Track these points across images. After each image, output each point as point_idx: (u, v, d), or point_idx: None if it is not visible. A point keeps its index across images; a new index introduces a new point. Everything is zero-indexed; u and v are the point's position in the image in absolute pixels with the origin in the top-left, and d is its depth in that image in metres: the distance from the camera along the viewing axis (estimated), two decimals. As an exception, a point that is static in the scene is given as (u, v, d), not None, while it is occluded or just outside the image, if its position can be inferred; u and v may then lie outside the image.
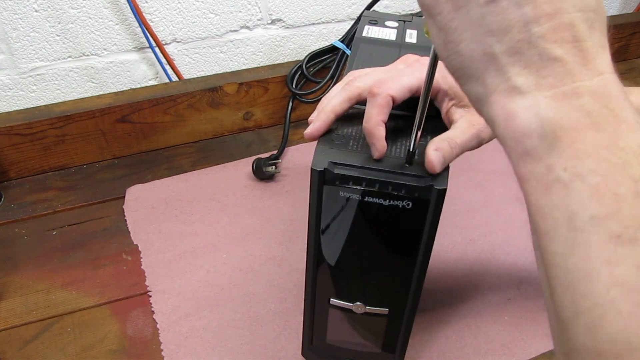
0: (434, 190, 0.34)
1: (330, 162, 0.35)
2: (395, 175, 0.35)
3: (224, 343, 0.52)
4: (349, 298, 0.42)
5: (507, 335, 0.53)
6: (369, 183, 0.35)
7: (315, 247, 0.39)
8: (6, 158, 0.71)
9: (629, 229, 0.21)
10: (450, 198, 0.70)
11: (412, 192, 0.35)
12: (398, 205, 0.35)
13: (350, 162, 0.35)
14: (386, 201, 0.35)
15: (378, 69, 0.41)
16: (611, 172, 0.22)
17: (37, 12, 0.72)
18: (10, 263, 0.61)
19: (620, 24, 1.02)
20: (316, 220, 0.38)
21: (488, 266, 0.61)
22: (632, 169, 0.22)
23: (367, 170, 0.35)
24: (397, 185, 0.35)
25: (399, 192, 0.35)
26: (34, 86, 0.77)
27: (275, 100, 0.83)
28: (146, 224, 0.66)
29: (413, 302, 0.41)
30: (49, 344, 0.52)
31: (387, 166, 0.35)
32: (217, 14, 0.82)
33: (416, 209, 0.35)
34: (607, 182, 0.22)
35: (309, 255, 0.40)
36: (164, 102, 0.76)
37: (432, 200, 0.35)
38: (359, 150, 0.37)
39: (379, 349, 0.45)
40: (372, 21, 0.51)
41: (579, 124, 0.22)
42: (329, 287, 0.42)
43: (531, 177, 0.24)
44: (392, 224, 0.37)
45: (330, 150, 0.37)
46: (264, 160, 0.72)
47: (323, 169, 0.35)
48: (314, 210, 0.37)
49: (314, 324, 0.45)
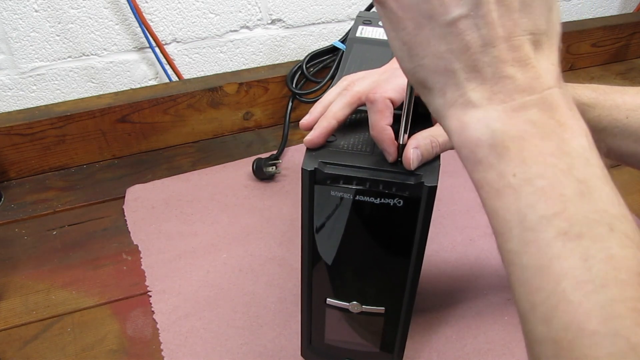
0: (424, 188, 0.35)
1: (321, 161, 0.36)
2: (385, 174, 0.35)
3: (224, 343, 0.52)
4: (345, 297, 0.42)
5: (507, 335, 0.53)
6: (360, 182, 0.35)
7: (309, 247, 0.39)
8: (6, 158, 0.71)
9: (574, 225, 0.23)
10: (450, 198, 0.70)
11: (402, 190, 0.35)
12: (389, 204, 0.36)
13: (341, 162, 0.36)
14: (377, 199, 0.35)
15: (373, 71, 0.41)
16: (557, 176, 0.24)
17: (37, 12, 0.72)
18: (10, 263, 0.61)
19: (620, 24, 1.02)
20: (309, 220, 0.38)
21: (488, 266, 0.61)
22: (577, 171, 0.24)
23: (357, 169, 0.35)
24: (387, 184, 0.35)
25: (390, 190, 0.35)
26: (34, 86, 0.77)
27: (275, 100, 0.83)
28: (146, 224, 0.66)
29: (409, 300, 0.41)
30: (49, 344, 0.52)
31: (378, 165, 0.36)
32: (217, 14, 0.82)
33: (407, 206, 0.36)
34: (553, 184, 0.24)
35: (304, 255, 0.40)
36: (164, 102, 0.76)
37: (423, 198, 0.35)
38: (350, 150, 0.37)
39: (377, 348, 0.45)
40: (366, 21, 0.51)
41: (525, 134, 0.25)
42: (324, 287, 0.42)
43: (485, 183, 0.26)
44: (384, 222, 0.37)
45: (321, 150, 0.37)
46: (264, 161, 0.72)
47: (314, 169, 0.35)
48: (306, 211, 0.38)
49: (311, 324, 0.45)
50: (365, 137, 0.38)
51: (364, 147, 0.37)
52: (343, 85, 0.41)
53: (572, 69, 1.03)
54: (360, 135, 0.39)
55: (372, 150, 0.37)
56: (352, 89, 0.39)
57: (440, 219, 0.67)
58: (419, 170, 0.35)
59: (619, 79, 1.00)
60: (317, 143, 0.38)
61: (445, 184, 0.72)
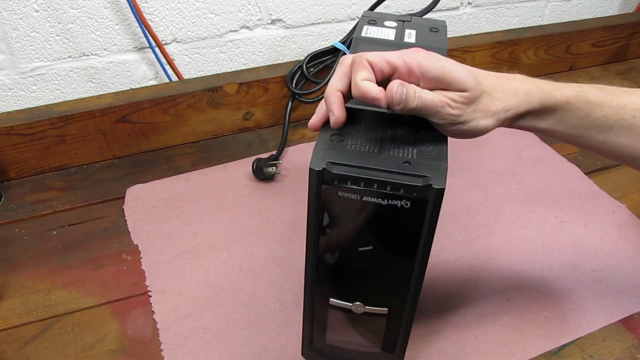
0: (432, 190, 0.35)
1: (329, 161, 0.35)
2: (393, 175, 0.35)
3: (224, 343, 0.52)
4: (348, 298, 0.42)
5: (507, 335, 0.53)
6: (367, 183, 0.35)
7: (314, 247, 0.39)
8: (6, 158, 0.71)
9: None
10: (450, 198, 0.70)
11: (410, 192, 0.35)
12: (397, 205, 0.35)
13: (349, 162, 0.35)
14: (385, 201, 0.35)
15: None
16: None
17: (37, 12, 0.72)
18: (10, 263, 0.61)
19: (620, 24, 1.02)
20: (315, 220, 0.38)
21: (488, 266, 0.61)
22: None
23: (365, 170, 0.35)
24: (395, 185, 0.35)
25: (398, 192, 0.35)
26: (34, 86, 0.77)
27: (275, 100, 0.83)
28: (146, 224, 0.66)
29: (412, 302, 0.41)
30: (49, 344, 0.52)
31: (386, 166, 0.35)
32: (217, 14, 0.82)
33: (415, 208, 0.35)
34: None
35: (308, 255, 0.40)
36: (164, 102, 0.76)
37: (431, 200, 0.35)
38: (358, 150, 0.37)
39: (378, 349, 0.45)
40: (371, 21, 0.50)
41: None
42: (328, 287, 0.42)
43: None
44: (391, 223, 0.37)
45: (329, 150, 0.37)
46: (264, 161, 0.72)
47: (321, 169, 0.35)
48: (312, 210, 0.37)
49: (313, 324, 0.45)
50: (373, 137, 0.38)
51: (372, 147, 0.37)
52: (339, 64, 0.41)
53: (572, 69, 1.03)
54: (368, 135, 0.38)
55: (380, 150, 0.37)
56: (345, 62, 0.39)
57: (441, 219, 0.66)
58: (427, 172, 0.35)
59: (619, 79, 1.00)
60: (339, 119, 0.38)
61: (445, 184, 0.72)
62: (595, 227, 0.66)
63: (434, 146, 0.38)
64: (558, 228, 0.66)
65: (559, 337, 0.53)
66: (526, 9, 1.07)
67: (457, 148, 0.79)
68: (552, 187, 0.72)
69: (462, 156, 0.77)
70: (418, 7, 0.95)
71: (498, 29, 1.04)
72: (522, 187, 0.72)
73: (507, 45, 0.94)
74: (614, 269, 0.60)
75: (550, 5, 1.09)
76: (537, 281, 0.59)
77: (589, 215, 0.68)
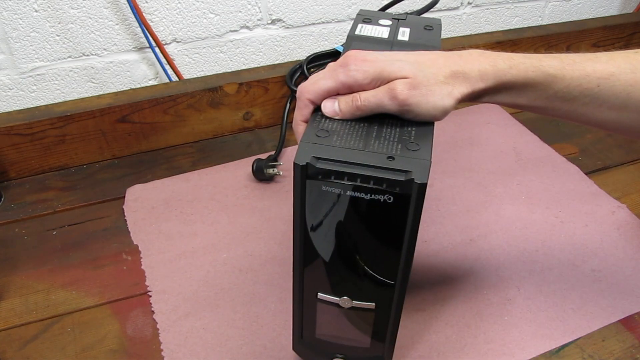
0: (414, 184, 0.35)
1: (313, 156, 0.36)
2: (376, 170, 0.35)
3: (224, 343, 0.52)
4: (335, 292, 0.42)
5: (507, 335, 0.53)
6: (351, 177, 0.36)
7: (300, 242, 0.40)
8: (6, 158, 0.71)
9: None
10: (450, 198, 0.70)
11: (393, 187, 0.35)
12: (380, 200, 0.36)
13: (333, 157, 0.36)
14: (368, 195, 0.36)
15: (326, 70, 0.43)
16: None
17: (37, 12, 0.72)
18: (10, 263, 0.61)
19: (620, 24, 1.02)
20: (300, 214, 0.38)
21: (488, 266, 0.61)
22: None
23: (349, 164, 0.36)
24: (378, 180, 0.35)
25: (380, 187, 0.35)
26: (34, 86, 0.77)
27: (275, 100, 0.83)
28: (146, 224, 0.66)
29: (399, 297, 0.42)
30: (49, 344, 0.52)
31: (369, 161, 0.36)
32: (217, 14, 0.82)
33: (398, 203, 0.36)
34: None
35: (295, 249, 0.41)
36: (164, 102, 0.76)
37: (414, 194, 0.35)
38: (342, 145, 0.37)
39: (367, 344, 0.45)
40: (366, 19, 0.51)
41: None
42: (315, 281, 0.42)
43: None
44: (375, 218, 0.37)
45: (314, 145, 0.37)
46: (264, 162, 0.72)
47: (305, 164, 0.36)
48: (297, 205, 0.38)
49: (303, 319, 0.45)
50: (360, 133, 0.39)
51: (357, 143, 0.38)
52: None
53: (572, 69, 1.03)
54: (354, 131, 0.39)
55: (365, 146, 0.37)
56: (303, 96, 0.42)
57: (441, 219, 0.67)
58: (410, 167, 0.35)
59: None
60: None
61: (445, 184, 0.72)
62: (595, 227, 0.66)
63: (419, 141, 0.38)
64: (558, 228, 0.66)
65: (559, 337, 0.53)
66: (526, 9, 1.07)
67: (457, 148, 0.79)
68: (552, 187, 0.72)
69: (462, 156, 0.77)
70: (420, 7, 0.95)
71: (498, 29, 1.04)
72: (522, 187, 0.72)
73: (507, 45, 0.94)
74: (614, 269, 0.60)
75: (550, 5, 1.09)
76: (537, 281, 0.59)
77: (589, 215, 0.68)
